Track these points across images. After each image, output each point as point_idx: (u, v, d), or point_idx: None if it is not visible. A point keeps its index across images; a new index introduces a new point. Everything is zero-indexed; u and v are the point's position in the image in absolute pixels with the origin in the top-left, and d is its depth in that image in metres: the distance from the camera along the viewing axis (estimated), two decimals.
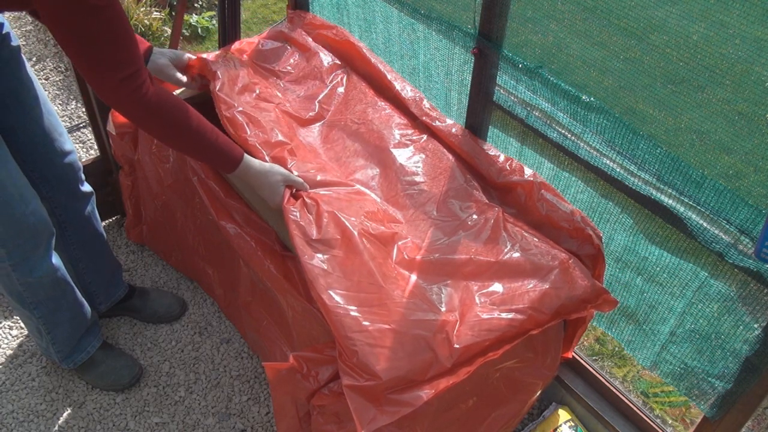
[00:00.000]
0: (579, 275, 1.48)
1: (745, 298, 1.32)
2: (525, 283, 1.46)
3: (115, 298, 2.12)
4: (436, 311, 1.38)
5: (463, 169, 1.71)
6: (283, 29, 2.14)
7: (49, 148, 1.75)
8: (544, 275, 1.47)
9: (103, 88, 1.34)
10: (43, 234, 1.67)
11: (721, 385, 1.43)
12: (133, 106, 1.37)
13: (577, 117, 1.47)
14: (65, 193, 1.85)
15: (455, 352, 1.33)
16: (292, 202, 1.50)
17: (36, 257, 1.69)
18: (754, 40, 1.12)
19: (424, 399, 1.25)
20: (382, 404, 1.24)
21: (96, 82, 1.34)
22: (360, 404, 1.23)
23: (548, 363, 1.62)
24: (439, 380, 1.30)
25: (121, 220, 2.52)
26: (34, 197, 1.64)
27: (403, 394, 1.26)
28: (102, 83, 1.33)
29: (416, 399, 1.26)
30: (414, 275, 1.45)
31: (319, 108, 1.91)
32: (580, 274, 1.48)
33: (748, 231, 1.23)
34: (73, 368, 1.97)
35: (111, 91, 1.34)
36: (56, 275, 1.77)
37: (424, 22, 1.78)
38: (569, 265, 1.48)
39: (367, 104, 1.88)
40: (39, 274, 1.71)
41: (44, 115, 1.71)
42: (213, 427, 1.92)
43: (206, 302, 2.26)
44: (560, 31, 1.50)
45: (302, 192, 1.54)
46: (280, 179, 1.54)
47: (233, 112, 1.70)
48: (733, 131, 1.24)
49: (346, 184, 1.63)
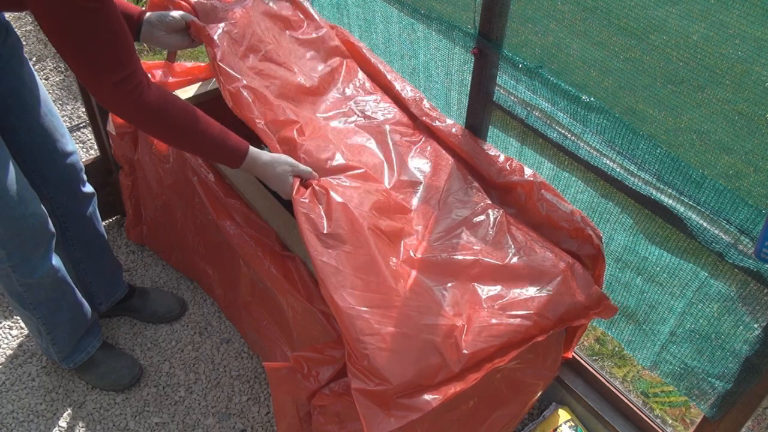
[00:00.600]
0: (582, 282, 1.48)
1: (745, 298, 1.32)
2: (530, 288, 1.46)
3: (116, 298, 2.12)
4: (444, 315, 1.37)
5: (464, 170, 1.71)
6: None
7: (51, 149, 1.75)
8: (548, 281, 1.46)
9: (99, 91, 1.33)
10: (44, 235, 1.67)
11: (721, 385, 1.43)
12: (130, 108, 1.35)
13: (577, 117, 1.47)
14: (67, 193, 1.85)
15: (463, 358, 1.31)
16: (302, 192, 1.47)
17: (36, 258, 1.68)
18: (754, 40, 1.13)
19: (433, 405, 1.24)
20: (391, 408, 1.23)
21: (92, 86, 1.32)
22: (369, 408, 1.21)
23: (549, 364, 1.62)
24: (447, 386, 1.28)
25: (121, 220, 2.52)
26: (34, 198, 1.64)
27: (412, 399, 1.25)
28: (98, 86, 1.32)
29: (425, 404, 1.24)
30: (421, 275, 1.45)
31: (320, 81, 1.85)
32: (583, 281, 1.48)
33: (748, 231, 1.23)
34: (73, 368, 1.97)
35: (107, 94, 1.32)
36: (56, 276, 1.76)
37: (424, 22, 1.78)
38: (573, 272, 1.48)
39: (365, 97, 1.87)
40: (39, 275, 1.71)
41: (46, 115, 1.71)
42: (213, 427, 1.92)
43: (206, 302, 2.26)
44: (560, 31, 1.50)
45: (312, 180, 1.50)
46: (288, 169, 1.51)
47: (237, 87, 1.63)
48: (733, 131, 1.24)
49: (354, 167, 1.58)
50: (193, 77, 2.20)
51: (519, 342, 1.40)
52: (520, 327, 1.39)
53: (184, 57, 3.56)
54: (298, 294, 1.54)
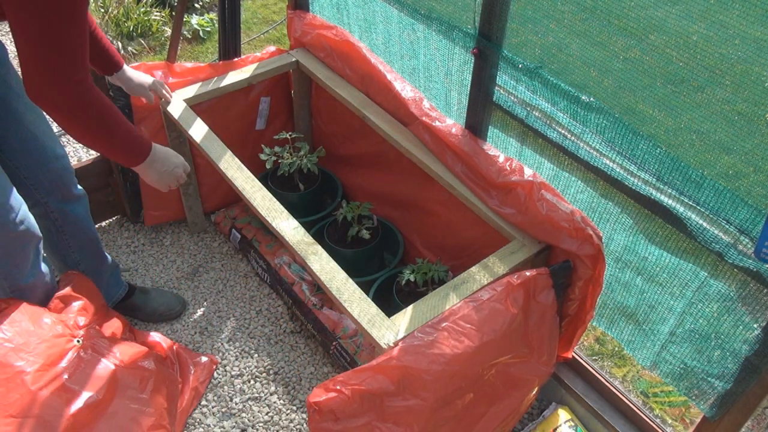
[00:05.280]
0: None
1: (744, 298, 1.33)
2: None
3: (116, 297, 2.13)
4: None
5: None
6: None
7: (42, 153, 1.75)
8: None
9: (57, 85, 1.34)
10: (32, 240, 1.67)
11: (720, 385, 1.43)
12: (79, 104, 1.39)
13: (577, 117, 1.47)
14: (61, 197, 1.85)
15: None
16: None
17: (26, 264, 1.68)
18: (754, 40, 1.13)
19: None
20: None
21: (53, 80, 1.33)
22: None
23: (544, 359, 1.63)
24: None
25: (121, 220, 2.52)
26: (22, 204, 1.63)
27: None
28: (58, 81, 1.34)
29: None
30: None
31: None
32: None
33: (747, 231, 1.23)
34: None
35: (66, 90, 1.35)
36: (45, 281, 1.77)
37: (424, 22, 1.78)
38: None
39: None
40: (29, 280, 1.70)
41: (36, 119, 1.71)
42: (213, 427, 1.92)
43: (206, 301, 2.26)
44: (560, 31, 1.50)
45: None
46: (178, 160, 1.70)
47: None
48: (732, 131, 1.24)
49: None
50: (194, 77, 2.20)
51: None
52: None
53: (184, 57, 3.56)
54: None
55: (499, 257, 1.64)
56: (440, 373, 1.37)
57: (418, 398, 1.37)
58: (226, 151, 1.92)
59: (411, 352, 1.36)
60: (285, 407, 1.97)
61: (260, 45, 3.67)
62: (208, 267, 2.39)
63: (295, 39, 2.35)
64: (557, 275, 1.57)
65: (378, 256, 2.21)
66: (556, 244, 1.61)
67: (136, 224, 2.52)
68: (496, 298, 1.47)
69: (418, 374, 1.35)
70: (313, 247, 1.64)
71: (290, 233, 1.68)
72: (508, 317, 1.47)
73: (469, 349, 1.41)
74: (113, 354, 1.73)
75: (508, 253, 1.65)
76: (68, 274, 1.90)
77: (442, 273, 1.89)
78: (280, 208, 1.75)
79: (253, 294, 2.30)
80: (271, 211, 1.74)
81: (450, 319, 1.42)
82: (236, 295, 2.30)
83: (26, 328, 1.62)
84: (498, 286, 1.50)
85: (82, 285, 1.88)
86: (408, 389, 1.36)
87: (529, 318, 1.54)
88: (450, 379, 1.40)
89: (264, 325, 2.20)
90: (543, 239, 1.65)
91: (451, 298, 1.53)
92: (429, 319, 1.45)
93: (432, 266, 1.88)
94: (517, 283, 1.50)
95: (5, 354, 1.56)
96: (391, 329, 1.45)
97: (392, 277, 2.07)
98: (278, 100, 2.45)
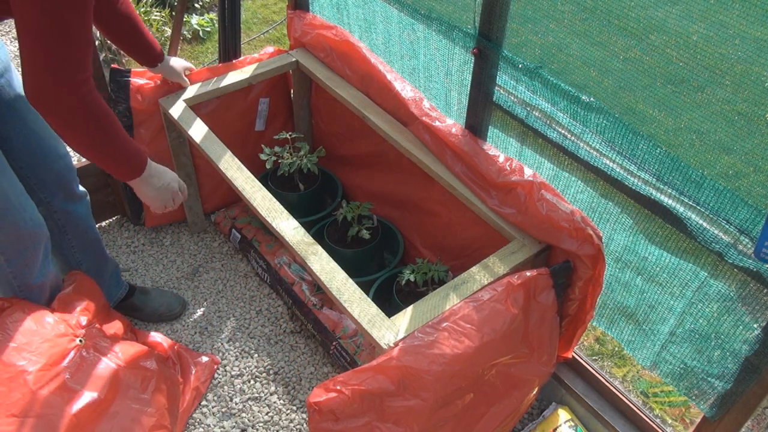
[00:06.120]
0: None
1: (744, 298, 1.33)
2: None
3: (117, 297, 2.13)
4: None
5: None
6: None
7: (46, 153, 1.75)
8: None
9: (60, 86, 1.31)
10: (41, 239, 1.68)
11: (720, 385, 1.44)
12: (80, 106, 1.35)
13: (577, 117, 1.47)
14: (63, 196, 1.85)
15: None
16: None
17: (35, 263, 1.69)
18: (754, 40, 1.12)
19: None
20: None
21: (55, 81, 1.30)
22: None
23: (545, 359, 1.63)
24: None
25: (121, 220, 2.52)
26: (31, 204, 1.64)
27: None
28: (61, 81, 1.31)
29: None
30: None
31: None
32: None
33: (747, 231, 1.23)
34: None
35: (68, 91, 1.32)
36: (54, 280, 1.77)
37: (424, 22, 1.78)
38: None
39: None
40: (39, 279, 1.71)
41: (38, 118, 1.71)
42: (213, 427, 1.92)
43: (206, 301, 2.26)
44: (560, 31, 1.49)
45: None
46: (174, 176, 1.67)
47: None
48: (732, 131, 1.24)
49: None
50: (194, 78, 2.20)
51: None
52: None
53: (184, 57, 3.56)
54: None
55: (499, 257, 1.64)
56: (440, 374, 1.37)
57: (419, 398, 1.37)
58: (226, 152, 1.92)
59: (411, 352, 1.36)
60: (285, 407, 1.97)
61: (260, 45, 3.67)
62: (208, 267, 2.40)
63: (294, 39, 2.35)
64: (557, 275, 1.57)
65: (378, 256, 2.21)
66: (556, 244, 1.61)
67: (136, 225, 2.52)
68: (497, 299, 1.47)
69: (418, 374, 1.35)
70: (313, 247, 1.64)
71: (290, 233, 1.68)
72: (509, 317, 1.47)
73: (469, 350, 1.41)
74: (115, 354, 1.73)
75: (509, 253, 1.65)
76: (72, 274, 1.90)
77: (442, 273, 1.89)
78: (280, 208, 1.75)
79: (253, 294, 2.31)
80: (271, 211, 1.74)
81: (450, 319, 1.42)
82: (236, 295, 2.30)
83: (28, 327, 1.62)
84: (498, 286, 1.50)
85: (85, 285, 1.89)
86: (408, 389, 1.36)
87: (529, 318, 1.54)
88: (450, 379, 1.40)
89: (264, 325, 2.20)
90: (543, 239, 1.65)
91: (452, 298, 1.53)
92: (429, 319, 1.45)
93: (432, 266, 1.88)
94: (517, 284, 1.50)
95: (7, 353, 1.56)
96: (391, 329, 1.45)
97: (392, 277, 2.07)
98: (278, 100, 2.45)
